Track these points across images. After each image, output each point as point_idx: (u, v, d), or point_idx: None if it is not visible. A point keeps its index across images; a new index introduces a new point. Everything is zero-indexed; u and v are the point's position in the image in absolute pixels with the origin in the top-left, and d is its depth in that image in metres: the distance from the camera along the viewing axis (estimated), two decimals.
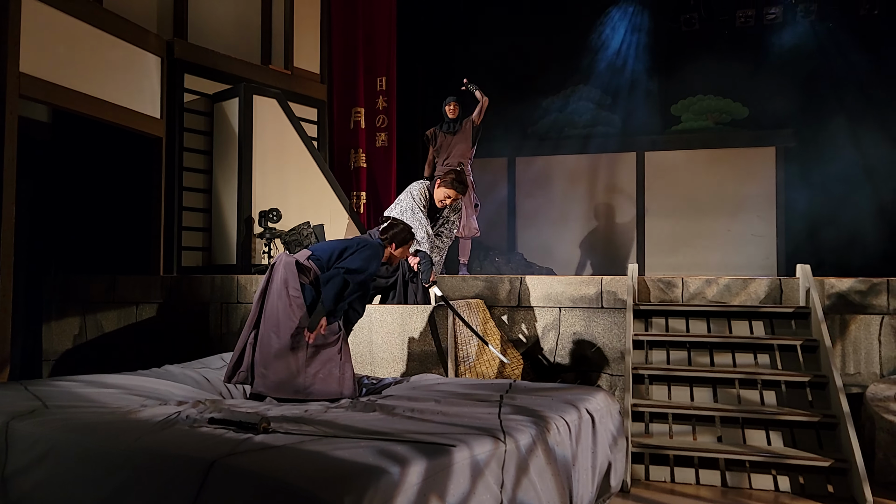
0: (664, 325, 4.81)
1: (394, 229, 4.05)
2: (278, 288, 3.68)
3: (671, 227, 9.95)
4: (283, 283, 3.67)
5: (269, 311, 3.68)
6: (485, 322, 4.85)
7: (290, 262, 3.72)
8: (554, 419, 3.02)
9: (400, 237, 4.04)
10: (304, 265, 3.75)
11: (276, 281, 3.70)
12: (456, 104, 6.71)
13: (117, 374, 4.15)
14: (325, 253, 3.84)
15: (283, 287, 3.67)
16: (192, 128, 6.76)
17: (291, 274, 3.68)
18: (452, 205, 5.00)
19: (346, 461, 2.28)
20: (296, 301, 3.65)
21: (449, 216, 5.08)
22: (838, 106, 9.31)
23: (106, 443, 2.65)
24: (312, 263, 3.78)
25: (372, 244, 3.91)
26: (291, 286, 3.66)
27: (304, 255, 3.83)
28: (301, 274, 3.72)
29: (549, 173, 10.49)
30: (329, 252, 3.84)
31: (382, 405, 3.30)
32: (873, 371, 4.59)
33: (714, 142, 10.02)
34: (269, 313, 3.68)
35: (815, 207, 9.04)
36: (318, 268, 3.77)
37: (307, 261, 3.77)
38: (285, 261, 3.73)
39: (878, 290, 4.64)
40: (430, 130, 6.81)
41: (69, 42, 5.58)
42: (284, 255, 3.81)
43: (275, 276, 3.71)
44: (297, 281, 3.68)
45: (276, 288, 3.69)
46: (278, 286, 3.68)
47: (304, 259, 3.78)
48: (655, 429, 4.24)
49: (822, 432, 4.02)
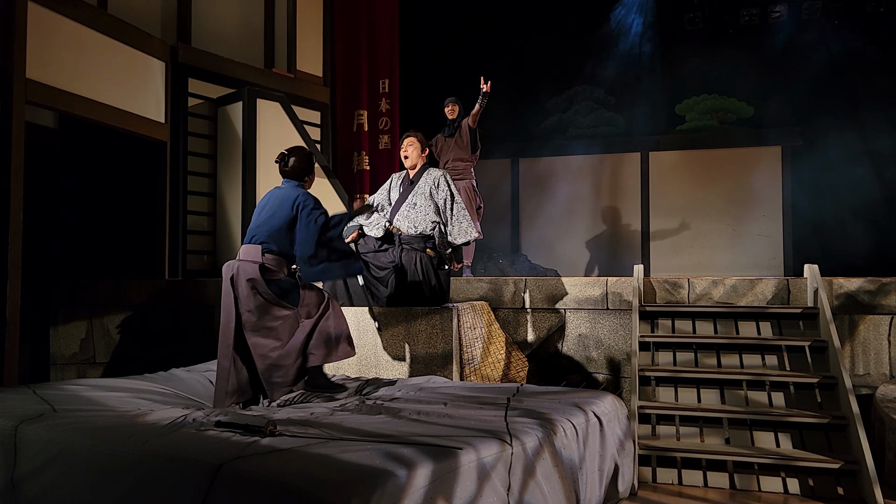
0: (670, 326, 4.79)
1: (293, 164, 3.79)
2: (245, 294, 3.56)
3: (676, 228, 9.92)
4: (251, 289, 3.56)
5: (248, 323, 3.59)
6: (489, 324, 4.85)
7: (248, 269, 3.58)
8: (561, 422, 3.01)
9: (306, 168, 3.82)
10: (267, 267, 3.60)
11: (241, 289, 3.57)
12: (454, 105, 6.66)
13: (124, 377, 4.16)
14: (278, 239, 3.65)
15: (251, 291, 3.56)
16: (197, 132, 6.78)
17: (258, 279, 3.56)
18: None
19: (353, 464, 2.28)
20: (270, 297, 3.57)
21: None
22: (845, 104, 9.27)
23: (114, 446, 2.66)
24: (273, 258, 3.62)
25: (306, 197, 3.70)
26: (261, 289, 3.57)
27: (255, 254, 3.61)
28: (266, 273, 3.60)
29: (553, 174, 10.48)
30: (272, 231, 3.64)
31: (389, 408, 3.30)
32: (883, 372, 4.57)
33: (719, 141, 9.98)
34: (250, 325, 3.59)
35: (822, 207, 9.00)
36: (283, 256, 3.65)
37: (263, 256, 3.60)
38: (244, 268, 3.58)
39: (887, 290, 4.62)
40: (435, 138, 6.76)
41: (75, 48, 5.61)
42: (238, 262, 3.64)
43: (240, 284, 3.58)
44: (263, 282, 3.57)
45: (243, 294, 3.57)
46: (245, 292, 3.56)
47: (259, 258, 3.60)
48: (662, 431, 4.22)
49: (832, 434, 4.00)
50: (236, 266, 3.62)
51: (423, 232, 4.61)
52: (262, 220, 3.71)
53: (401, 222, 4.66)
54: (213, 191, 6.88)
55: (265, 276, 3.58)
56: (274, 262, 3.63)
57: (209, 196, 6.86)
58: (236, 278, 3.60)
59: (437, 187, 4.68)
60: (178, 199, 6.55)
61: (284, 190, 3.78)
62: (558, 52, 10.36)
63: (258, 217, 3.75)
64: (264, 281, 3.57)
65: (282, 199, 3.71)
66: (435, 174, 4.75)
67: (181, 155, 6.61)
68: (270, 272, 3.61)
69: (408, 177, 4.83)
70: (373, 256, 4.63)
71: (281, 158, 3.82)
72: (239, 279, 3.59)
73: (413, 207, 4.67)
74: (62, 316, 6.19)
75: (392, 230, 4.66)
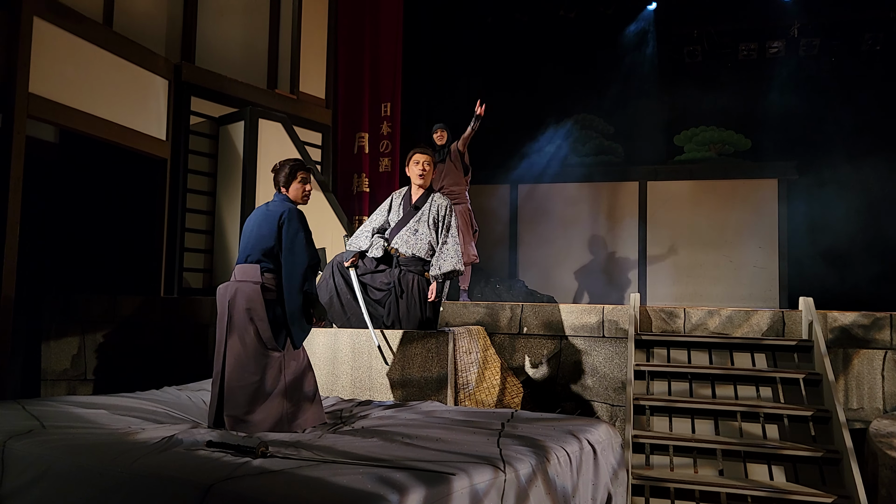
0: (666, 355, 4.79)
1: (278, 172, 3.71)
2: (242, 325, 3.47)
3: (673, 257, 9.95)
4: (248, 320, 3.46)
5: (232, 347, 3.48)
6: (485, 349, 4.83)
7: (248, 291, 3.48)
8: (554, 449, 2.99)
9: (290, 175, 3.71)
10: (267, 287, 3.51)
11: (238, 316, 3.48)
12: (442, 131, 6.70)
13: (116, 394, 4.13)
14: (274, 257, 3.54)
15: (248, 323, 3.46)
16: (197, 150, 6.80)
17: (258, 303, 3.46)
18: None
19: (345, 487, 2.25)
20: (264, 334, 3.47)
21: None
22: (840, 139, 9.37)
23: (103, 464, 2.63)
24: (273, 277, 3.53)
25: (290, 214, 3.59)
26: (258, 317, 3.47)
27: (254, 274, 3.52)
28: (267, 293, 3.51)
29: (552, 201, 10.52)
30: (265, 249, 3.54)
31: (382, 431, 3.28)
32: (876, 406, 4.56)
33: (716, 173, 10.06)
34: (233, 350, 3.48)
35: (818, 240, 9.06)
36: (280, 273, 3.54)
37: (263, 276, 3.51)
38: (243, 290, 3.48)
39: (881, 325, 4.62)
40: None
41: (78, 64, 5.65)
42: (236, 284, 3.53)
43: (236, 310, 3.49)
44: (263, 307, 3.46)
45: (239, 324, 3.47)
46: (242, 323, 3.47)
47: (259, 278, 3.51)
48: (656, 461, 4.19)
49: (825, 468, 3.98)
50: (234, 289, 3.50)
51: (421, 257, 4.59)
52: (252, 236, 3.60)
53: (400, 244, 4.63)
54: (211, 209, 6.89)
55: (266, 297, 3.48)
56: (274, 282, 3.52)
57: (208, 214, 6.87)
58: (234, 302, 3.48)
59: (442, 220, 4.61)
60: (176, 217, 6.56)
61: (272, 204, 3.69)
62: (559, 81, 10.47)
63: (248, 233, 3.64)
64: (264, 301, 3.47)
65: (268, 214, 3.61)
66: (440, 203, 4.65)
67: (181, 172, 6.63)
68: (271, 292, 3.52)
69: (410, 198, 4.73)
70: (370, 278, 4.61)
71: (273, 170, 3.77)
72: (236, 304, 3.47)
73: (414, 234, 4.60)
74: (54, 331, 6.15)
75: (391, 251, 4.64)
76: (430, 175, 4.72)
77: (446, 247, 4.54)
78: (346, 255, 4.64)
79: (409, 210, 4.69)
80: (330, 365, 4.57)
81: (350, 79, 8.36)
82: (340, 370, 4.53)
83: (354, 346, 4.51)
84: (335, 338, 4.58)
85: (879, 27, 9.39)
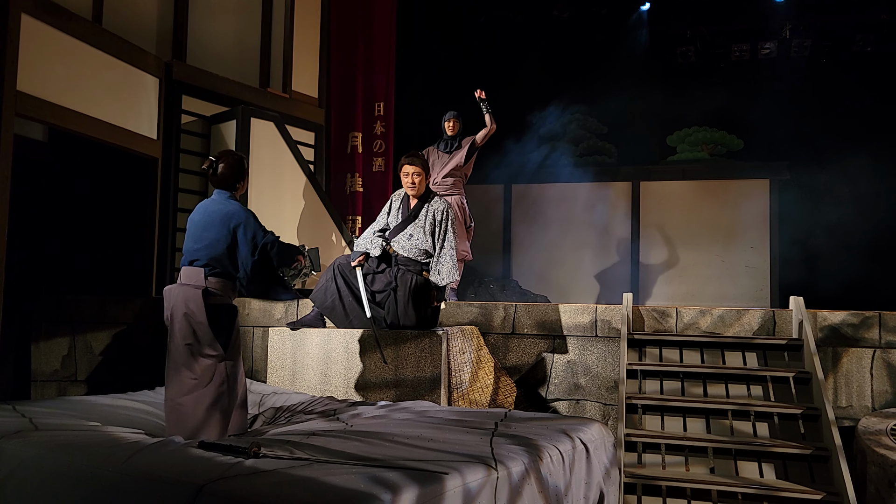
0: (658, 354, 4.80)
1: (222, 171, 3.50)
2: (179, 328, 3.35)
3: (666, 257, 9.98)
4: (185, 319, 3.34)
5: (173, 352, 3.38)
6: (478, 349, 4.84)
7: (190, 294, 3.35)
8: (547, 448, 3.00)
9: (238, 174, 3.53)
10: (211, 291, 3.37)
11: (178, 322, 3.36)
12: (456, 120, 6.40)
13: (108, 395, 4.12)
14: (220, 260, 3.41)
15: (187, 322, 3.34)
16: (189, 149, 6.77)
17: (199, 306, 3.33)
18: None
19: (338, 487, 2.25)
20: (202, 335, 3.34)
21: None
22: (831, 140, 9.43)
23: (94, 464, 2.62)
24: (217, 281, 3.39)
25: (246, 220, 3.44)
26: (195, 321, 3.33)
27: (198, 278, 3.38)
28: (210, 297, 3.37)
29: (545, 201, 10.54)
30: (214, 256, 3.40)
31: (375, 431, 3.27)
32: (865, 404, 4.58)
33: (709, 173, 10.11)
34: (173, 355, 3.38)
35: (808, 240, 9.11)
36: (228, 278, 3.43)
37: (207, 280, 3.37)
38: (185, 294, 3.35)
39: (870, 324, 4.65)
40: (426, 150, 6.51)
41: (67, 61, 5.60)
42: (180, 288, 3.40)
43: (176, 314, 3.36)
44: (204, 312, 3.32)
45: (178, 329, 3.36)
46: (181, 322, 3.35)
47: (202, 282, 3.37)
48: (648, 459, 4.21)
49: (815, 465, 4.00)
50: (178, 292, 3.38)
51: (418, 260, 4.65)
52: (199, 239, 3.44)
53: (397, 248, 4.69)
54: None
55: (208, 301, 3.33)
56: (219, 286, 3.40)
57: None
58: (176, 306, 3.36)
59: (439, 226, 4.65)
60: (167, 216, 6.52)
61: (217, 203, 3.49)
62: (553, 81, 10.48)
63: (193, 235, 3.47)
64: (206, 306, 3.32)
65: (215, 216, 3.43)
66: (436, 208, 4.69)
67: (172, 172, 6.59)
68: (214, 296, 3.37)
69: (408, 203, 4.81)
70: (371, 279, 4.65)
71: (209, 165, 3.50)
72: (177, 308, 3.35)
73: (409, 238, 4.66)
74: (44, 332, 6.10)
75: (389, 251, 4.68)
76: (421, 185, 4.73)
77: (442, 259, 4.62)
78: (354, 255, 4.69)
79: (405, 216, 4.77)
80: (323, 365, 4.56)
81: (343, 78, 8.34)
82: (333, 370, 4.53)
83: (348, 347, 4.51)
84: (328, 338, 4.58)
85: (870, 29, 9.45)
